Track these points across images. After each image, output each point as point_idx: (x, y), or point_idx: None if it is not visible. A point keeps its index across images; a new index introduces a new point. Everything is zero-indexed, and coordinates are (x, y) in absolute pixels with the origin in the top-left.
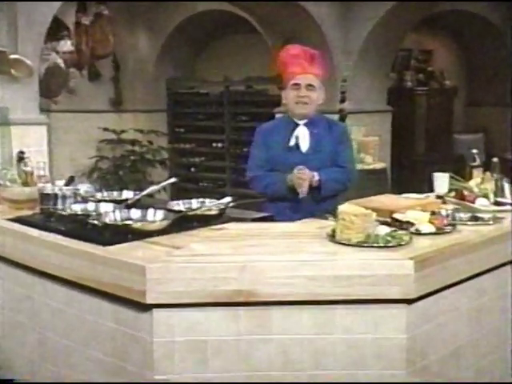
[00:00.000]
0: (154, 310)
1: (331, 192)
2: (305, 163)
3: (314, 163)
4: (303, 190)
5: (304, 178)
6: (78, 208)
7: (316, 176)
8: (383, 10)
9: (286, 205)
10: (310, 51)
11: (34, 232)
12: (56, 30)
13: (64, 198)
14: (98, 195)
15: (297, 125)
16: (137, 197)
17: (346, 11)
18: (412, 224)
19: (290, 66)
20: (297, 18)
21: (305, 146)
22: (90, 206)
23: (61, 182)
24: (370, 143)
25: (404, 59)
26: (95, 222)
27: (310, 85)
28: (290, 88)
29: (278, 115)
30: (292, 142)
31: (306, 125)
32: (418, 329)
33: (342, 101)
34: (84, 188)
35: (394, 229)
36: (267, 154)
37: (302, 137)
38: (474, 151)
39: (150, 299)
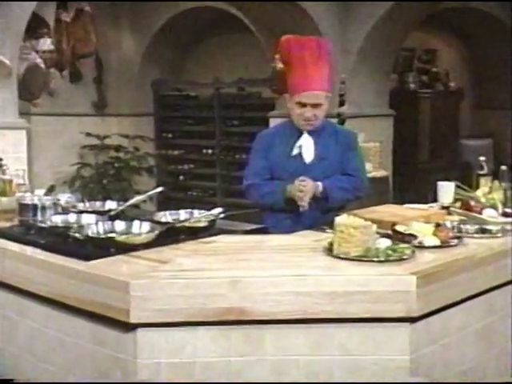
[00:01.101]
0: (138, 330)
1: (338, 202)
2: (308, 172)
3: (318, 171)
4: (304, 204)
5: (306, 190)
6: (58, 220)
7: (320, 186)
8: (384, 7)
9: (287, 216)
10: (316, 47)
11: (12, 246)
12: (35, 28)
13: (44, 208)
14: (80, 206)
15: (301, 133)
16: (121, 207)
17: (344, 9)
18: (415, 237)
19: (294, 73)
20: (293, 17)
21: (309, 156)
22: (71, 218)
23: (41, 192)
24: (370, 150)
25: (406, 59)
26: (76, 234)
27: (318, 104)
28: (295, 104)
29: (272, 119)
30: (295, 152)
31: (310, 133)
32: (422, 350)
33: (341, 104)
34: (65, 198)
35: (395, 242)
36: (267, 162)
37: (306, 146)
38: (482, 158)
39: (133, 318)
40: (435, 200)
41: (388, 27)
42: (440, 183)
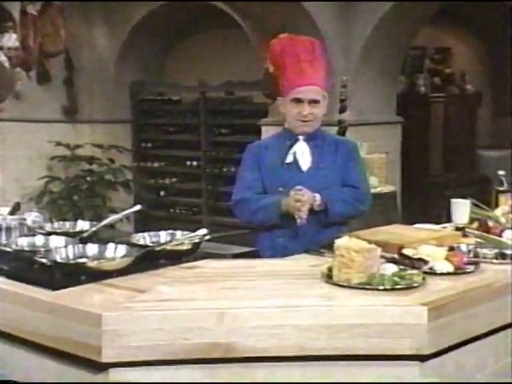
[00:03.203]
0: (111, 371)
1: (339, 216)
2: (304, 181)
3: (315, 181)
4: (301, 215)
5: (303, 199)
6: (24, 242)
7: (318, 197)
8: (390, 1)
9: (283, 233)
10: (310, 46)
11: None
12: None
13: (9, 230)
14: (48, 226)
15: (295, 139)
16: (94, 228)
17: (345, 4)
18: (425, 262)
19: (288, 71)
20: (287, 12)
21: (305, 163)
22: (39, 240)
23: (5, 210)
24: (375, 162)
25: (416, 59)
26: (43, 260)
27: (315, 100)
28: (290, 102)
29: (264, 127)
30: (289, 159)
31: (306, 139)
32: None
33: (342, 111)
34: (31, 217)
35: (403, 267)
36: (259, 173)
37: (301, 153)
38: (502, 172)
39: (105, 356)
40: (449, 220)
41: (395, 23)
42: (454, 200)
